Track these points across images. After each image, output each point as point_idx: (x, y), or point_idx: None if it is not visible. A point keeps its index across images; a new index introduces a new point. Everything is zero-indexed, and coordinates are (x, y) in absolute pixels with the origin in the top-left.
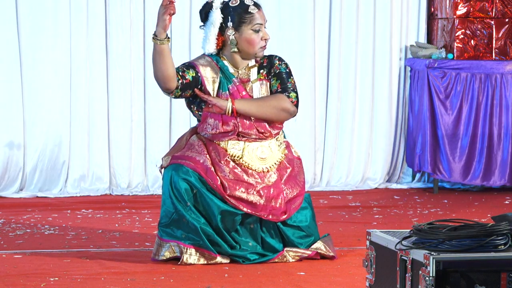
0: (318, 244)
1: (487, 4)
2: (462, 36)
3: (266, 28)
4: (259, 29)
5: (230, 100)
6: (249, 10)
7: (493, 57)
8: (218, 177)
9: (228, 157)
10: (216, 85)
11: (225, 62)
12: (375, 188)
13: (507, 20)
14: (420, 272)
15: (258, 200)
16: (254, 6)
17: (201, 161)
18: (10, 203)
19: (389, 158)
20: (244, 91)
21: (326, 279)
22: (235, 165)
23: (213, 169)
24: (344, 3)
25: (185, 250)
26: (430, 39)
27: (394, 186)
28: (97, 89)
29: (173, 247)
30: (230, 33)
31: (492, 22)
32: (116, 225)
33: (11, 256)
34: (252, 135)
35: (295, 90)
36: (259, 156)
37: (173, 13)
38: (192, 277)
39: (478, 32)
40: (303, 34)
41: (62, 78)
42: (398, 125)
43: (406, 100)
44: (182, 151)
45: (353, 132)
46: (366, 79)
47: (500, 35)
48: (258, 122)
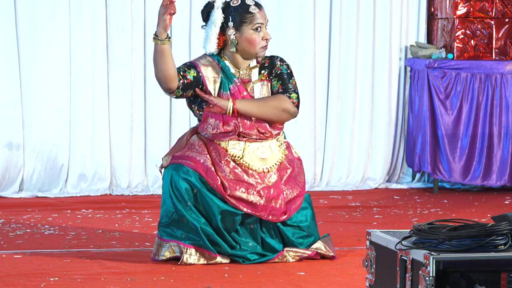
0: (318, 244)
1: (487, 4)
2: (462, 36)
3: (267, 28)
4: (260, 29)
5: (231, 100)
6: (250, 10)
7: (493, 57)
8: (219, 177)
9: (229, 157)
10: (217, 85)
11: (227, 62)
12: (375, 188)
13: (507, 20)
14: (420, 272)
15: (258, 201)
16: (255, 6)
17: (202, 161)
18: (10, 203)
19: (389, 158)
20: (245, 92)
21: (326, 279)
22: (236, 165)
23: (214, 169)
24: (344, 3)
25: (185, 250)
26: (430, 39)
27: (394, 186)
28: (98, 89)
29: (173, 247)
30: (231, 33)
31: (492, 22)
32: (116, 225)
33: (11, 256)
34: (253, 136)
35: (296, 91)
36: (260, 157)
37: (174, 13)
38: (192, 277)
39: (478, 32)
40: (303, 34)
41: (62, 78)
42: (398, 125)
43: (406, 100)
44: (183, 151)
45: (353, 132)
46: (366, 79)
47: (500, 35)
48: (259, 123)
